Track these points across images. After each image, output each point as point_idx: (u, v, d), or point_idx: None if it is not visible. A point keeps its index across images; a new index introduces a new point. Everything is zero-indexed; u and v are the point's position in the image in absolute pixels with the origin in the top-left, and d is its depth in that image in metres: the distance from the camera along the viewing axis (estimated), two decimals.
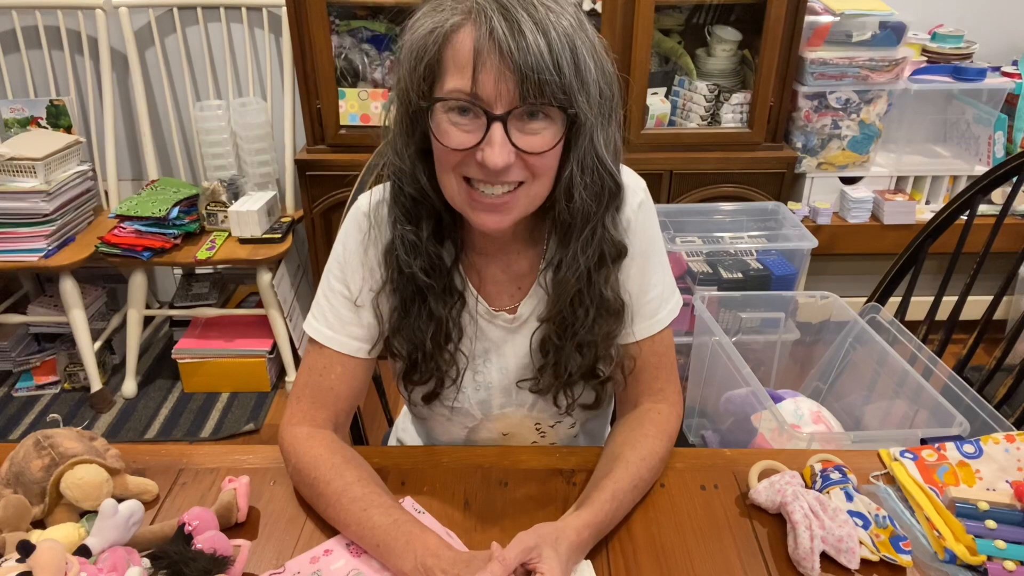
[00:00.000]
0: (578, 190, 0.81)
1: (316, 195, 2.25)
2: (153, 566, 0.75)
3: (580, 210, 0.83)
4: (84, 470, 0.83)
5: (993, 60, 2.37)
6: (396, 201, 0.86)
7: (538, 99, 0.73)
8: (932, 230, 1.39)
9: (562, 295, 0.87)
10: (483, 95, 0.73)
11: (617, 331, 0.91)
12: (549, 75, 0.72)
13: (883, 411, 1.26)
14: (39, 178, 2.12)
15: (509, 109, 0.74)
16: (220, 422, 2.30)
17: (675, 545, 0.83)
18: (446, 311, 0.89)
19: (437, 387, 0.94)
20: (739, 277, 1.96)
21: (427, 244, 0.86)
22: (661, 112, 2.27)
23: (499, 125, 0.74)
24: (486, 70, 0.72)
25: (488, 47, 0.72)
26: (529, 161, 0.77)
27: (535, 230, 0.92)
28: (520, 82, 0.72)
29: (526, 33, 0.71)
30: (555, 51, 0.72)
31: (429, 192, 0.84)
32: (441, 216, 0.87)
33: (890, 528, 0.82)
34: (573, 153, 0.80)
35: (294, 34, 2.08)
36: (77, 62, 2.43)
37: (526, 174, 0.79)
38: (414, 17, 0.78)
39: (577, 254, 0.85)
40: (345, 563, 0.81)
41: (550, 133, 0.77)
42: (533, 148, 0.76)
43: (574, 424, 1.02)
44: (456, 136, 0.76)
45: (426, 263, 0.86)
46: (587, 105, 0.76)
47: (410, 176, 0.84)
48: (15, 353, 2.48)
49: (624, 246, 0.88)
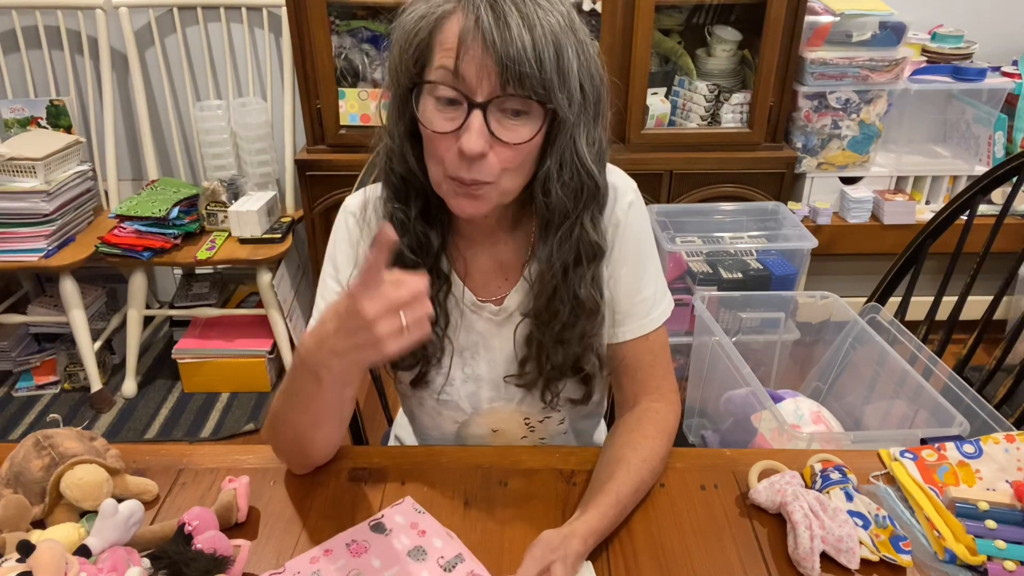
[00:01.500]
0: (554, 186, 0.83)
1: (316, 195, 2.25)
2: (153, 566, 0.75)
3: (557, 207, 0.85)
4: (84, 470, 0.83)
5: (993, 60, 2.37)
6: (387, 181, 0.89)
7: (518, 91, 0.75)
8: (932, 230, 1.39)
9: (541, 290, 0.89)
10: (465, 81, 0.76)
11: (592, 331, 0.92)
12: (530, 68, 0.74)
13: (883, 411, 1.26)
14: (39, 178, 2.12)
15: (489, 98, 0.76)
16: (220, 422, 2.30)
17: (675, 545, 0.83)
18: (432, 291, 0.90)
19: (424, 369, 0.96)
20: (739, 277, 1.96)
21: (415, 224, 0.89)
22: (661, 112, 2.27)
23: (479, 112, 0.76)
24: (469, 57, 0.75)
25: (473, 34, 0.74)
26: (503, 154, 0.79)
27: (521, 220, 0.94)
28: (501, 72, 0.74)
29: (511, 25, 0.74)
30: (538, 46, 0.74)
31: (417, 172, 0.86)
32: (429, 198, 0.89)
33: (890, 528, 0.82)
34: (552, 149, 0.82)
35: (294, 34, 2.08)
36: (77, 62, 2.43)
37: (496, 171, 0.80)
38: (408, 2, 0.81)
39: (553, 250, 0.87)
40: (345, 563, 0.81)
41: (528, 128, 0.79)
42: (509, 139, 0.78)
43: (563, 420, 1.03)
44: (439, 121, 0.79)
45: (413, 242, 0.89)
46: (567, 103, 0.78)
47: (399, 155, 0.86)
48: (15, 353, 2.48)
49: (602, 248, 0.89)
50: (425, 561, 0.81)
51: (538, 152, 0.82)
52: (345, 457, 0.95)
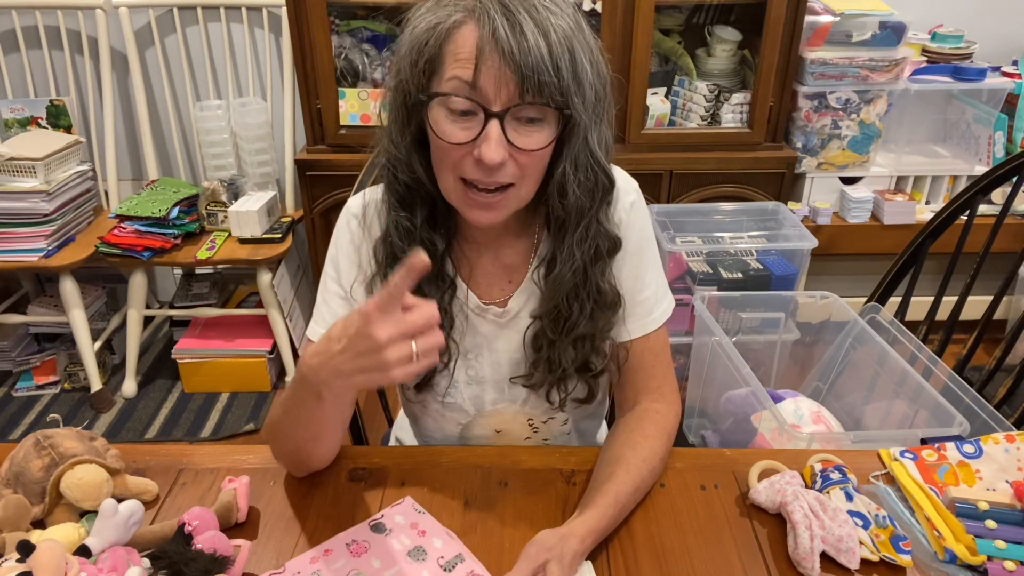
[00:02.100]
0: (572, 187, 0.83)
1: (316, 195, 2.25)
2: (153, 566, 0.75)
3: (575, 207, 0.85)
4: (84, 470, 0.83)
5: (993, 60, 2.37)
6: (391, 189, 0.88)
7: (536, 99, 0.75)
8: (932, 230, 1.39)
9: (558, 291, 0.88)
10: (482, 91, 0.75)
11: (613, 323, 0.92)
12: (548, 76, 0.74)
13: (883, 411, 1.26)
14: (39, 178, 2.12)
15: (507, 107, 0.76)
16: (220, 422, 2.30)
17: (675, 545, 0.83)
18: (438, 295, 0.90)
19: (429, 373, 0.95)
20: (739, 277, 1.95)
21: (421, 230, 0.88)
22: (661, 112, 2.27)
23: (496, 122, 0.76)
24: (487, 68, 0.74)
25: (491, 46, 0.73)
26: (521, 160, 0.79)
27: (526, 222, 0.94)
28: (520, 82, 0.74)
29: (527, 34, 0.73)
30: (555, 53, 0.74)
31: (424, 180, 0.86)
32: (435, 203, 0.88)
33: (890, 528, 0.82)
34: (566, 152, 0.82)
35: (294, 34, 2.08)
36: (77, 62, 2.43)
37: (517, 173, 0.80)
38: (415, 13, 0.80)
39: (573, 249, 0.86)
40: (345, 563, 0.81)
41: (544, 133, 0.79)
42: (527, 146, 0.78)
43: (567, 421, 1.03)
44: (454, 132, 0.78)
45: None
46: (582, 106, 0.78)
47: (405, 164, 0.85)
48: (15, 353, 2.48)
49: (618, 239, 0.90)
50: (425, 561, 0.81)
51: (550, 158, 0.82)
52: (345, 457, 0.95)
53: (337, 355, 0.72)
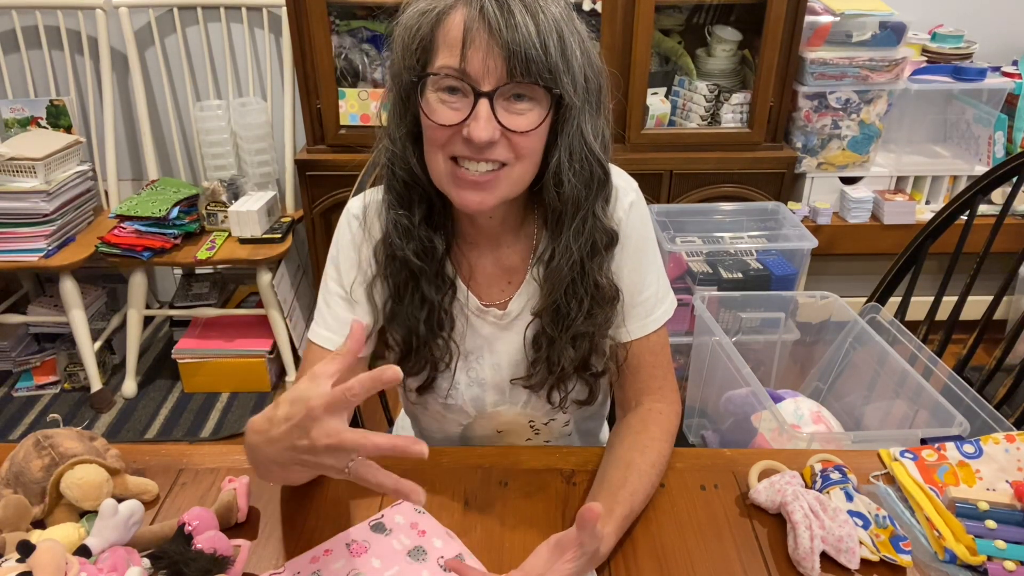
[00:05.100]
0: (567, 176, 0.84)
1: (316, 195, 2.25)
2: (153, 566, 0.75)
3: (570, 197, 0.85)
4: (84, 470, 0.83)
5: (993, 60, 2.37)
6: (390, 187, 0.89)
7: (524, 77, 0.76)
8: (932, 230, 1.39)
9: (556, 285, 0.88)
10: (471, 71, 0.76)
11: (612, 320, 0.92)
12: (536, 53, 0.75)
13: (883, 411, 1.26)
14: (39, 178, 2.12)
15: (496, 86, 0.76)
16: (220, 422, 2.30)
17: (675, 545, 0.83)
18: (438, 297, 0.90)
19: (432, 374, 0.95)
20: (739, 277, 1.95)
21: (419, 229, 0.88)
22: (661, 112, 2.27)
23: (485, 101, 0.77)
24: (475, 47, 0.75)
25: (478, 24, 0.75)
26: (513, 140, 0.80)
27: (525, 222, 0.94)
28: (507, 59, 0.75)
29: (515, 13, 0.75)
30: (543, 32, 0.75)
31: (419, 175, 0.86)
32: (433, 203, 0.89)
33: (890, 528, 0.82)
34: (561, 139, 0.83)
35: (294, 34, 2.08)
36: (77, 62, 2.43)
37: (510, 155, 0.81)
38: (408, 0, 0.82)
39: (570, 243, 0.87)
40: (345, 563, 0.81)
41: (535, 114, 0.79)
42: (518, 127, 0.79)
43: (568, 422, 1.02)
44: (444, 113, 0.79)
45: (418, 247, 0.89)
46: (572, 88, 0.79)
47: (401, 158, 0.86)
48: (15, 353, 2.48)
49: (615, 232, 0.90)
50: (425, 561, 0.81)
51: (544, 144, 0.83)
52: None
53: (276, 441, 0.67)
